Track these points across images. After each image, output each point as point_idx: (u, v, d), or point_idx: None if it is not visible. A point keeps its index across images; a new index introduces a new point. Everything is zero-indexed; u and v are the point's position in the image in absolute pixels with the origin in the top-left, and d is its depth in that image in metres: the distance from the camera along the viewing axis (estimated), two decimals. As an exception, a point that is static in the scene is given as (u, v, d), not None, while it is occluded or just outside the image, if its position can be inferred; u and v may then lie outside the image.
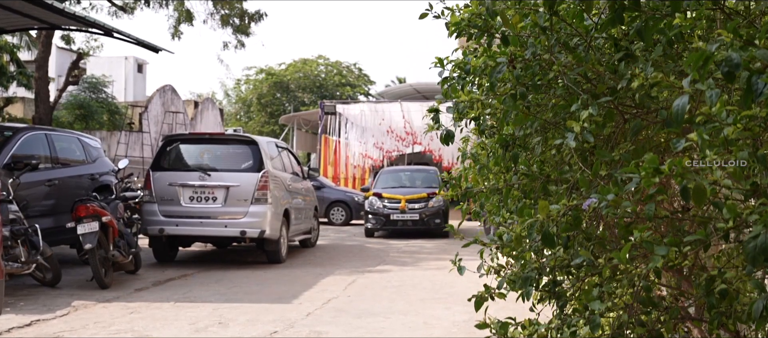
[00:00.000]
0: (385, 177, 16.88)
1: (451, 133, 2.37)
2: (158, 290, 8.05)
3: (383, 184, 16.24)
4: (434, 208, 15.01)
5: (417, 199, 15.10)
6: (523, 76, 1.99)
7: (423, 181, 16.40)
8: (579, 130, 1.78)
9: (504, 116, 2.18)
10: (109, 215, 8.10)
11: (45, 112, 16.66)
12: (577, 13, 1.91)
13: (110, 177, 10.37)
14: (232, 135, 11.03)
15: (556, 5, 1.83)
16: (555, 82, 2.04)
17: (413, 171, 17.42)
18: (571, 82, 1.92)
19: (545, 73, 1.98)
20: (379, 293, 7.88)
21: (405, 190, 15.60)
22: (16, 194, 7.75)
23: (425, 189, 15.44)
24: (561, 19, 1.93)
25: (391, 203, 15.13)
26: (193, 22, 18.01)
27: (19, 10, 10.72)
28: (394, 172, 17.54)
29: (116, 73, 33.65)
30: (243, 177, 9.96)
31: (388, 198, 15.22)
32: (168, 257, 10.54)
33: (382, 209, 15.12)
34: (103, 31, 11.32)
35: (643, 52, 1.81)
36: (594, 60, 1.89)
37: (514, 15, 2.00)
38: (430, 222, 14.95)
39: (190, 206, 9.89)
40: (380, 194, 15.33)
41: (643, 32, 1.72)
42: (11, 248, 7.21)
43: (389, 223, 15.06)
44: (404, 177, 16.86)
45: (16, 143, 8.68)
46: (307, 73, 42.86)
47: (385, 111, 23.31)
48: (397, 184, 16.21)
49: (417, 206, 15.04)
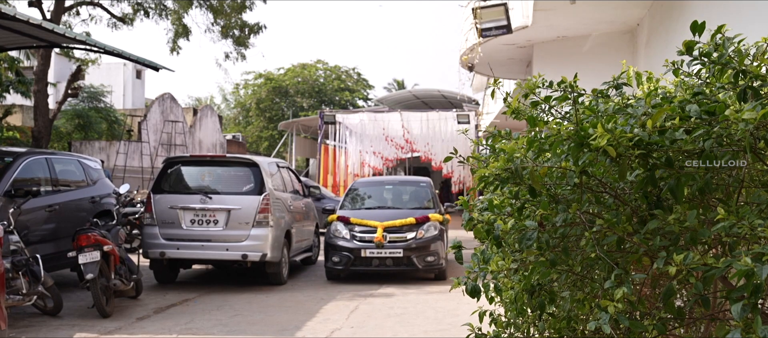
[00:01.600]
0: (360, 192, 12.37)
1: (477, 288, 2.32)
2: (160, 319, 8.02)
3: (355, 203, 11.90)
4: (425, 239, 10.49)
5: (400, 227, 10.54)
6: (554, 240, 1.97)
7: (412, 198, 11.99)
8: (613, 311, 1.74)
9: (532, 270, 2.14)
10: (110, 244, 8.08)
11: (44, 124, 16.63)
12: (607, 169, 1.89)
13: (111, 199, 10.34)
14: (233, 157, 11.01)
15: (585, 164, 1.80)
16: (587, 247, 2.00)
17: (399, 183, 12.93)
18: (604, 253, 1.89)
19: (578, 238, 1.96)
20: (382, 323, 7.85)
21: (384, 213, 11.09)
22: (16, 221, 7.72)
23: (413, 211, 11.03)
24: (591, 177, 1.91)
25: (363, 233, 10.55)
26: (189, 37, 17.97)
27: (19, 31, 10.68)
28: (372, 185, 12.99)
29: (115, 80, 33.58)
30: (244, 200, 9.93)
31: (358, 225, 10.66)
32: (169, 278, 10.52)
33: (350, 241, 10.53)
34: (103, 51, 11.27)
35: (676, 222, 1.77)
36: (625, 221, 1.87)
37: (542, 168, 1.94)
38: (420, 260, 10.40)
39: (192, 230, 9.86)
40: (347, 218, 10.84)
41: (675, 191, 1.70)
42: (12, 279, 7.17)
43: (359, 262, 10.42)
44: (385, 193, 12.36)
45: (16, 169, 8.65)
46: (305, 78, 42.83)
47: (385, 120, 23.33)
48: (376, 203, 11.84)
49: (400, 238, 10.46)
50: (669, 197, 1.78)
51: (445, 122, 22.70)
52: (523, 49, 13.19)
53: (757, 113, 1.44)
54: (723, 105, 1.63)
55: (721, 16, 7.39)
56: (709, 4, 7.90)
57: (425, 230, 10.58)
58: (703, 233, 1.70)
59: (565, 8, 9.58)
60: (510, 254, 2.13)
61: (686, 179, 1.73)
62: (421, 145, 23.13)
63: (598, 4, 10.14)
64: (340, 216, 10.98)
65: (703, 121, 1.64)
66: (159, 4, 18.31)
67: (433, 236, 10.61)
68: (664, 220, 1.75)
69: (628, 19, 11.17)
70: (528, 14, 10.52)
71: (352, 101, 44.25)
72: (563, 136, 1.77)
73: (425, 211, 11.09)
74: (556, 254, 1.97)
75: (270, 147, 40.22)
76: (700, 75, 1.89)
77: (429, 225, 10.67)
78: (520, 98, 2.29)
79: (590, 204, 1.99)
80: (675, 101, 1.73)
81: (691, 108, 1.65)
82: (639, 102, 1.86)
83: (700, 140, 1.65)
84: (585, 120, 1.81)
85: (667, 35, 9.38)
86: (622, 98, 2.10)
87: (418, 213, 10.90)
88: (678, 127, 1.68)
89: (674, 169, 1.73)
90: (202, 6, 18.22)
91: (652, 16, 10.32)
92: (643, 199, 1.87)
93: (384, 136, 23.04)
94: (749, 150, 1.61)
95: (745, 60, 1.72)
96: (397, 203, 11.85)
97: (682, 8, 8.86)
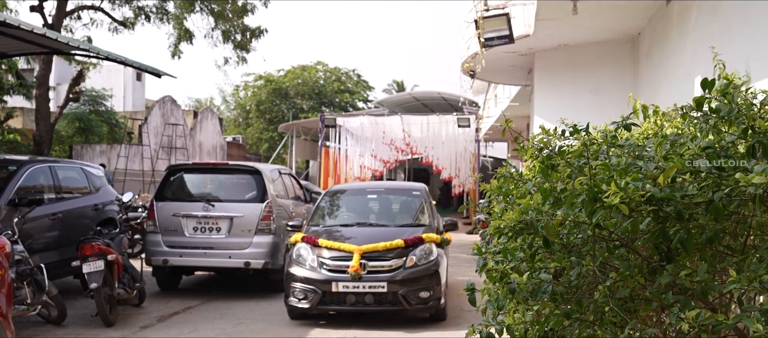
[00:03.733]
0: (333, 203, 9.73)
1: (492, 336, 2.37)
2: (163, 327, 8.06)
3: (326, 217, 9.28)
4: (418, 269, 7.94)
5: (384, 252, 7.99)
6: (568, 293, 2.02)
7: (402, 212, 9.43)
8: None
9: (546, 319, 2.19)
10: (114, 253, 8.13)
11: (45, 129, 16.64)
12: (619, 221, 1.94)
13: (114, 206, 10.39)
14: (236, 164, 11.06)
15: (598, 217, 1.85)
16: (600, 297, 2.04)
17: (385, 192, 10.05)
18: (617, 305, 1.94)
19: (590, 288, 2.01)
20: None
21: (364, 232, 8.53)
22: (20, 230, 7.76)
23: (402, 230, 8.46)
24: (604, 229, 1.96)
25: (335, 259, 8.02)
26: (192, 41, 18.00)
27: (22, 38, 10.71)
28: (351, 193, 10.09)
29: (115, 82, 33.62)
30: (247, 207, 9.97)
31: (329, 249, 8.09)
32: (171, 285, 10.57)
33: (317, 271, 8.00)
34: (105, 58, 11.30)
35: (687, 277, 1.82)
36: (637, 273, 1.91)
37: (555, 220, 1.98)
38: (411, 296, 7.82)
39: (194, 237, 9.91)
40: (315, 239, 8.24)
41: (685, 243, 1.75)
42: (17, 289, 7.21)
43: (330, 298, 7.91)
44: (368, 204, 9.71)
45: (20, 178, 8.69)
46: (305, 80, 42.87)
47: (385, 123, 23.37)
48: (353, 217, 9.23)
49: (384, 267, 7.93)
50: (680, 247, 1.82)
51: (445, 125, 22.74)
52: (525, 57, 13.25)
53: (766, 176, 1.48)
54: (732, 162, 1.68)
55: (723, 29, 7.44)
56: (711, 18, 7.95)
57: (418, 257, 7.98)
58: (713, 287, 1.75)
59: (566, 18, 9.63)
60: (523, 300, 2.17)
61: (696, 231, 1.78)
62: (422, 148, 23.17)
63: (600, 14, 10.19)
64: (306, 237, 8.34)
65: (713, 175, 1.69)
66: (160, 8, 18.36)
67: (429, 264, 7.98)
68: (675, 274, 1.80)
69: (629, 29, 11.23)
70: (529, 23, 10.57)
71: (352, 103, 44.30)
72: (577, 191, 1.82)
73: (418, 229, 8.46)
74: (572, 305, 2.02)
75: (270, 149, 40.26)
76: (709, 121, 1.93)
77: (423, 249, 8.07)
78: (532, 141, 2.33)
79: (602, 254, 2.03)
80: (685, 155, 1.78)
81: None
82: (649, 153, 1.91)
83: (709, 191, 1.69)
84: (597, 175, 1.86)
85: (669, 45, 9.43)
86: (632, 142, 2.14)
87: (408, 232, 8.32)
88: (689, 181, 1.73)
89: (684, 222, 1.78)
90: (203, 10, 18.26)
91: (653, 26, 10.37)
92: (655, 250, 1.92)
93: (384, 139, 23.09)
94: (759, 207, 1.66)
95: (754, 115, 1.77)
96: (382, 218, 9.20)
97: (683, 19, 8.91)
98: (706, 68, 7.16)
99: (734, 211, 1.76)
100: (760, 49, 6.37)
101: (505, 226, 2.08)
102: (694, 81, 8.29)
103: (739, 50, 6.84)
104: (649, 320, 2.03)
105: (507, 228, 2.09)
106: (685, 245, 1.77)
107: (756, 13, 6.58)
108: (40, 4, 16.66)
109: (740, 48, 6.84)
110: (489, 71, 14.29)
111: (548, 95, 12.76)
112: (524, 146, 2.30)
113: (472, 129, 22.19)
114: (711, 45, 6.87)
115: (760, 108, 1.84)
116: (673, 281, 1.80)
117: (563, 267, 2.05)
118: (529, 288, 2.03)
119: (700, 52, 7.83)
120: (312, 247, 8.21)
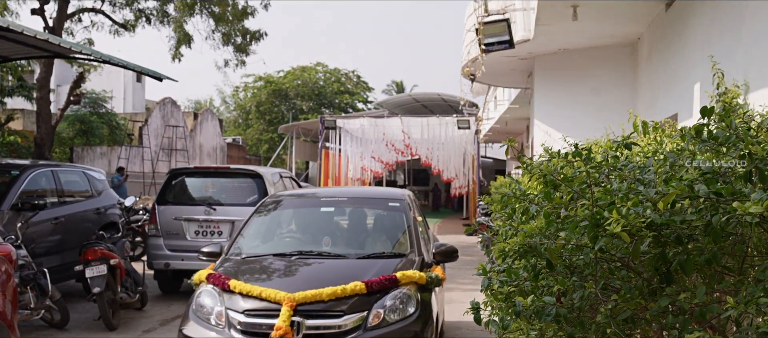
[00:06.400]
0: (272, 220, 6.75)
1: None
2: (166, 331, 8.10)
3: (253, 243, 6.32)
4: (387, 333, 4.85)
5: (331, 303, 4.90)
6: (570, 314, 2.07)
7: (371, 233, 6.49)
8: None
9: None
10: (117, 257, 8.17)
11: (47, 131, 16.68)
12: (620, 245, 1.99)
13: (115, 210, 10.43)
14: (237, 168, 11.09)
15: (600, 241, 1.90)
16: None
17: (350, 202, 6.80)
18: (618, 325, 1.98)
19: (592, 310, 2.06)
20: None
21: (305, 268, 5.56)
22: (23, 235, 7.80)
23: (365, 267, 5.40)
24: (606, 252, 2.01)
25: (253, 316, 4.95)
26: (191, 44, 18.03)
27: (24, 42, 10.76)
28: (298, 205, 7.19)
29: (115, 84, 33.66)
30: (248, 211, 9.95)
31: (244, 297, 5.04)
32: (173, 288, 10.60)
33: (223, 332, 4.96)
34: (107, 62, 11.35)
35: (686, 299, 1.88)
36: (638, 295, 1.96)
37: (558, 243, 2.04)
38: None
39: (196, 240, 9.93)
40: (225, 281, 5.18)
41: (684, 266, 1.80)
42: (21, 294, 7.26)
43: None
44: (319, 222, 6.60)
45: (23, 182, 8.73)
46: (305, 81, 42.92)
47: (385, 125, 23.42)
48: (295, 244, 6.21)
49: (331, 329, 4.85)
50: (679, 269, 1.87)
51: (445, 127, 22.79)
52: (525, 61, 13.29)
53: (762, 205, 1.53)
54: (730, 187, 1.73)
55: (722, 34, 7.49)
56: (710, 23, 7.99)
57: (388, 309, 4.98)
58: (712, 309, 1.80)
59: (566, 23, 9.68)
60: (527, 320, 2.22)
61: (696, 252, 1.83)
62: (422, 150, 23.23)
63: (600, 19, 10.24)
64: (212, 275, 5.37)
65: (711, 199, 1.74)
66: (160, 11, 18.40)
67: (405, 322, 4.98)
68: (675, 297, 1.85)
69: (629, 34, 11.27)
70: (530, 28, 10.62)
71: (351, 104, 44.36)
72: (579, 218, 1.87)
73: (392, 262, 5.49)
74: (575, 326, 2.07)
75: (270, 150, 40.31)
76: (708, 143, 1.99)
77: (397, 297, 5.06)
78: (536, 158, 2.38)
79: (604, 275, 2.08)
80: (685, 178, 1.83)
81: (701, 188, 1.75)
82: (649, 175, 1.96)
83: (708, 214, 1.74)
84: (600, 200, 1.91)
85: (668, 50, 9.47)
86: (633, 165, 2.19)
87: (376, 269, 5.31)
88: (687, 205, 1.78)
89: (683, 245, 1.83)
90: (203, 13, 18.30)
91: (653, 32, 10.42)
92: (655, 272, 1.97)
93: (384, 141, 23.14)
94: (755, 230, 1.71)
95: (752, 141, 1.82)
96: (339, 243, 6.11)
97: (682, 24, 8.96)
98: (705, 73, 7.22)
99: (732, 232, 1.82)
100: (759, 55, 6.42)
101: (509, 249, 2.15)
102: (693, 86, 8.34)
103: (737, 56, 6.90)
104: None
105: (511, 251, 2.15)
106: (684, 267, 1.82)
107: (755, 19, 6.63)
108: (41, 6, 16.70)
109: (739, 54, 6.89)
110: (489, 75, 14.33)
111: (548, 98, 12.81)
112: (527, 164, 2.35)
113: (471, 131, 22.25)
114: (710, 51, 6.93)
115: (757, 132, 1.89)
116: (673, 301, 1.85)
117: (566, 288, 2.11)
118: (534, 309, 2.09)
119: (700, 58, 7.88)
120: (220, 292, 5.18)
